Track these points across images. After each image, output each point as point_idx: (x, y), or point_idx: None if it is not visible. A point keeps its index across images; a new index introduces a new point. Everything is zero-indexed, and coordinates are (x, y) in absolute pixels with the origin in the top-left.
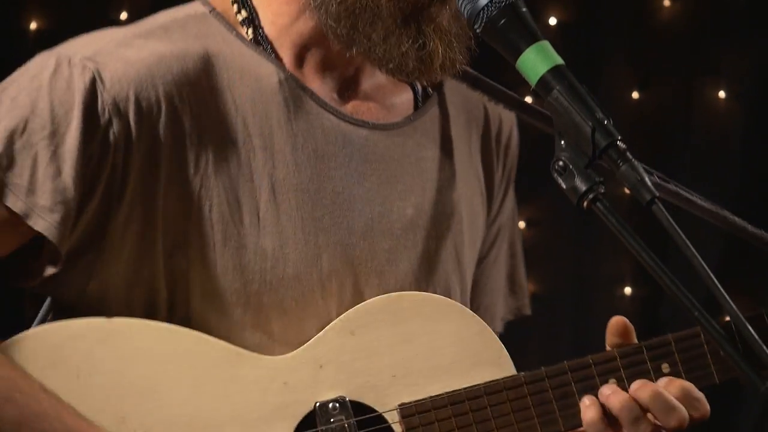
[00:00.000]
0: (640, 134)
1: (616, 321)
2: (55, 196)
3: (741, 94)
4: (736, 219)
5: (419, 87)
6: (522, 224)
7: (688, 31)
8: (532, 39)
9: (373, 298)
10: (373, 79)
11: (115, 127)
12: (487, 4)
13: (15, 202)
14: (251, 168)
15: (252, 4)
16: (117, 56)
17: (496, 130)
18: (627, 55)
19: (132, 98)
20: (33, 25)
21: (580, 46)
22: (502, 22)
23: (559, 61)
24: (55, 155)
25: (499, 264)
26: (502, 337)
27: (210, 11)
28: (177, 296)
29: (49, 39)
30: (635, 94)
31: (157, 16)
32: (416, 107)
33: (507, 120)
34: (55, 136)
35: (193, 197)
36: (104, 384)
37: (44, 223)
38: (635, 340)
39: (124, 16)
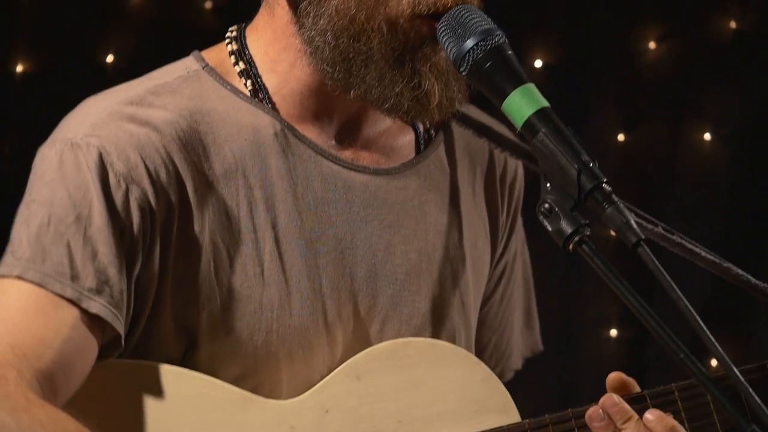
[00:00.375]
0: (625, 176)
1: (614, 378)
2: (98, 277)
3: (727, 136)
4: (731, 266)
5: (421, 129)
6: None
7: (674, 73)
8: (518, 82)
9: (380, 344)
10: (375, 123)
11: (135, 193)
12: (472, 47)
13: (63, 289)
14: (254, 221)
15: (250, 54)
16: (115, 127)
17: (500, 170)
18: (613, 97)
19: (140, 164)
20: (19, 68)
21: (565, 88)
22: (488, 64)
23: (545, 103)
24: (87, 238)
25: (512, 300)
26: None
27: (203, 67)
28: (186, 350)
29: (35, 82)
30: (621, 137)
31: (144, 80)
32: (418, 150)
33: (511, 161)
34: (81, 219)
35: (200, 253)
36: (109, 426)
37: (96, 304)
38: (638, 390)
39: (110, 59)
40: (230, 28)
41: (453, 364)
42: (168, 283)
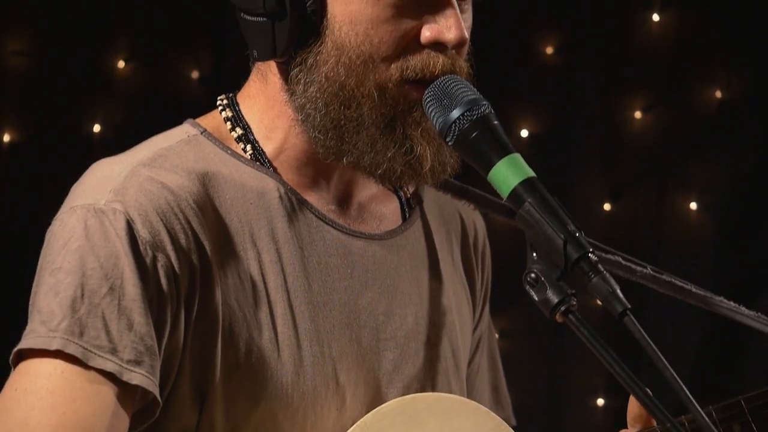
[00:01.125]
0: (611, 246)
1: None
2: (136, 347)
3: (712, 205)
4: (722, 299)
5: (404, 197)
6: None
7: (660, 142)
8: (504, 152)
9: (388, 402)
10: (365, 190)
11: (161, 261)
12: (458, 117)
13: (104, 363)
14: (266, 284)
15: (245, 121)
16: (135, 192)
17: (473, 239)
18: (599, 166)
19: (163, 230)
20: (6, 138)
21: (551, 158)
22: (474, 134)
23: (531, 173)
24: (122, 309)
25: (482, 374)
26: None
27: (201, 132)
28: (202, 413)
29: (22, 151)
30: (607, 206)
31: (148, 144)
32: (403, 217)
33: (480, 227)
34: (114, 290)
35: (219, 316)
36: None
37: (137, 375)
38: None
39: (97, 128)
40: (219, 97)
41: (462, 415)
42: (188, 349)
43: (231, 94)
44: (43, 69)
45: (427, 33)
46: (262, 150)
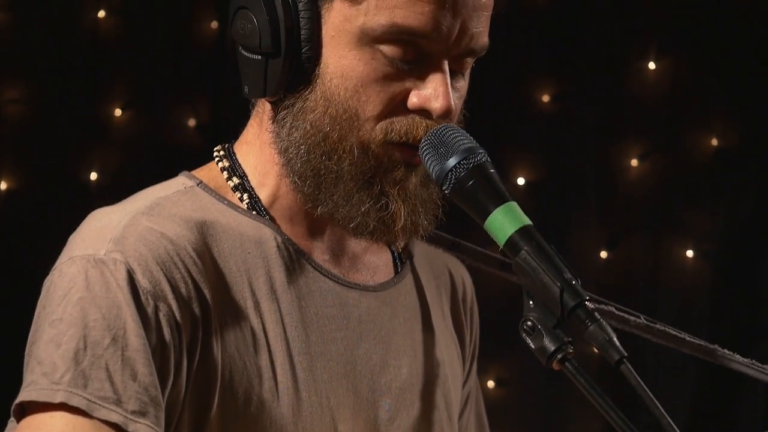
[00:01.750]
0: (608, 293)
1: None
2: (141, 398)
3: (709, 253)
4: (717, 347)
5: (396, 251)
6: (491, 384)
7: (656, 190)
8: (500, 200)
9: None
10: (359, 241)
11: (163, 310)
12: (455, 165)
13: (109, 414)
14: (265, 333)
15: (242, 169)
16: (135, 241)
17: (462, 294)
18: (595, 214)
19: (164, 280)
20: (3, 186)
21: (548, 206)
22: (471, 183)
23: (527, 221)
24: (125, 359)
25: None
26: None
27: (198, 184)
28: None
29: (20, 199)
30: (603, 254)
31: (145, 195)
32: (396, 269)
33: (468, 283)
34: (117, 341)
35: (219, 364)
36: None
37: (143, 426)
38: None
39: (94, 176)
40: (216, 148)
41: None
42: (188, 397)
43: (228, 144)
44: (40, 116)
45: (414, 99)
46: (258, 198)
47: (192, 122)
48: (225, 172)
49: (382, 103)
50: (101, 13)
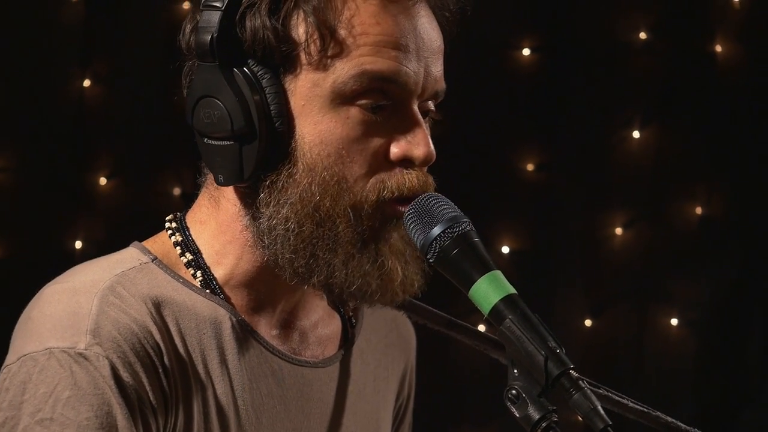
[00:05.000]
0: (593, 362)
1: None
2: None
3: (693, 321)
4: (660, 414)
5: (345, 315)
6: None
7: (640, 258)
8: (485, 268)
9: None
10: (309, 314)
11: (145, 401)
12: (439, 235)
13: None
14: (220, 415)
15: (196, 245)
16: (110, 329)
17: (407, 353)
18: (579, 283)
19: (141, 370)
20: None
21: (532, 274)
22: (455, 252)
23: (512, 290)
24: None
25: None
26: None
27: (153, 260)
28: None
29: (4, 268)
30: (588, 322)
31: (99, 270)
32: (345, 337)
33: (413, 340)
34: None
35: None
36: None
37: None
38: None
39: (78, 245)
40: (167, 218)
41: None
42: None
43: (180, 215)
44: (24, 185)
45: (395, 150)
46: (213, 276)
47: (177, 191)
48: (178, 248)
49: (366, 162)
50: (86, 83)
